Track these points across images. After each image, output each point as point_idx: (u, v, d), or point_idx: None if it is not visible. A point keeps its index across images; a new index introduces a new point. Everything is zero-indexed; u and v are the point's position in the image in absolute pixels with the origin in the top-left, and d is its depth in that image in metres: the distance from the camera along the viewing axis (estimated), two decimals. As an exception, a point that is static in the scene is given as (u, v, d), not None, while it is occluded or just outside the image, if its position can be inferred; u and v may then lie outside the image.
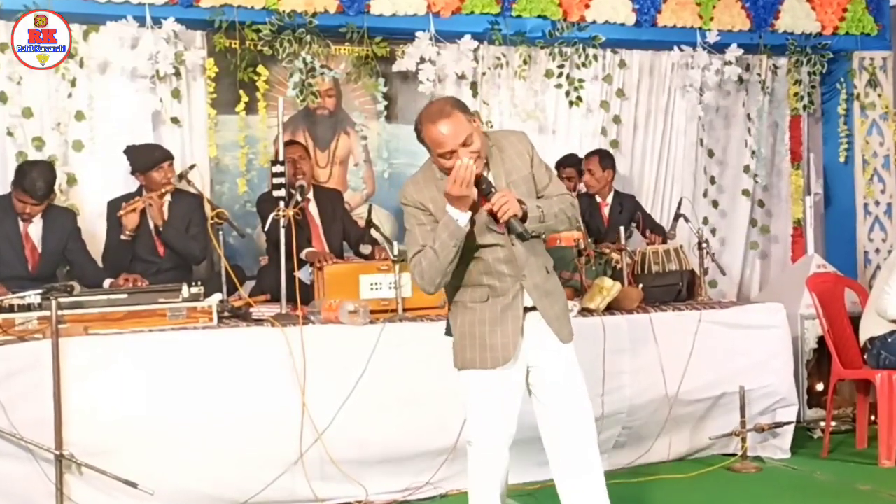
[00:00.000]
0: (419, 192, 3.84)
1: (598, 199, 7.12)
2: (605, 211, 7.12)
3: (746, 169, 7.94)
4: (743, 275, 8.02)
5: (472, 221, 3.76)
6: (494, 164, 3.87)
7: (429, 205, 3.82)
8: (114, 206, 6.03)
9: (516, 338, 3.86)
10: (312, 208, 6.40)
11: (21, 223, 5.75)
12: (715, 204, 7.88)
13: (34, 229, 5.80)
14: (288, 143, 6.26)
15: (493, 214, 3.71)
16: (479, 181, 3.71)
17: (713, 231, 7.74)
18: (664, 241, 6.60)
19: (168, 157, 6.09)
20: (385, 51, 6.93)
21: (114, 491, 4.64)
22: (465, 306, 3.92)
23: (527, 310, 3.89)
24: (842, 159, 8.06)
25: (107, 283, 5.75)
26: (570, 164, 7.15)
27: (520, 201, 3.71)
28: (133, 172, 6.07)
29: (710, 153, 7.84)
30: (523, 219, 3.70)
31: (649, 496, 5.27)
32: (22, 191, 5.64)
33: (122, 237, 5.90)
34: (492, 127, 7.09)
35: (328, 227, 6.45)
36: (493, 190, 3.72)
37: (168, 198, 6.07)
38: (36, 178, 5.64)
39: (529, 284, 3.87)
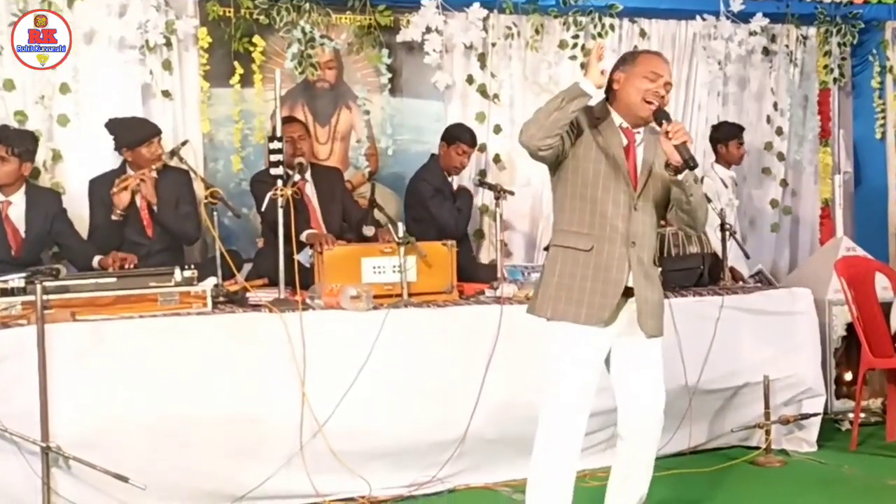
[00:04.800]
0: (587, 110, 4.10)
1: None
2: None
3: (769, 146, 7.92)
4: (776, 258, 8.00)
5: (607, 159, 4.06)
6: (646, 149, 4.14)
7: (583, 120, 4.07)
8: (96, 184, 6.04)
9: (614, 301, 4.05)
10: (310, 189, 6.39)
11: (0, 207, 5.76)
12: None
13: (14, 212, 5.77)
14: (287, 120, 6.28)
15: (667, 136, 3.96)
16: (659, 113, 4.03)
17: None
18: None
19: (157, 131, 6.07)
20: (389, 20, 6.92)
21: (103, 485, 4.64)
22: (566, 251, 4.12)
23: (627, 288, 4.10)
24: (878, 135, 8.04)
25: (95, 260, 5.74)
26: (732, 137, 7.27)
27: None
28: (118, 148, 6.05)
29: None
30: (686, 166, 3.95)
31: (668, 491, 5.27)
32: None
33: (113, 217, 5.91)
34: (499, 100, 7.15)
35: (326, 208, 6.43)
36: (671, 119, 4.01)
37: (154, 174, 6.05)
38: (15, 132, 5.73)
39: (635, 256, 4.07)
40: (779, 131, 7.90)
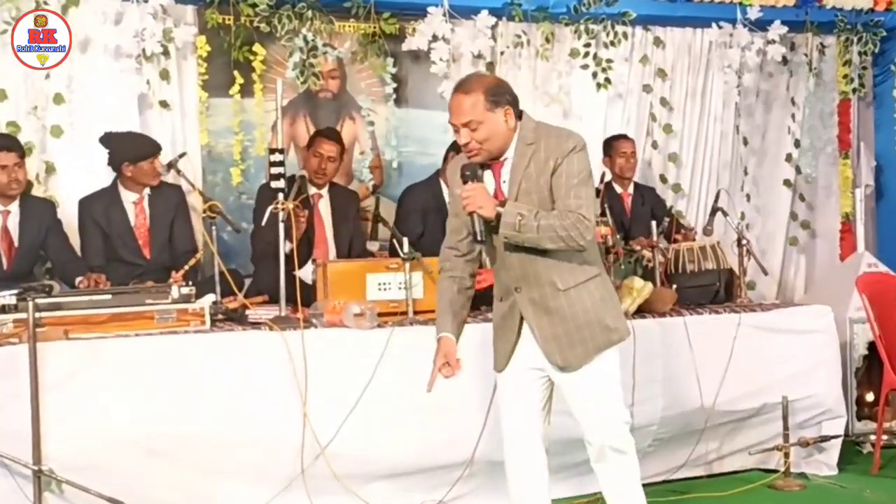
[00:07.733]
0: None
1: (620, 189, 7.10)
2: (629, 202, 7.11)
3: (788, 158, 7.92)
4: (786, 274, 8.00)
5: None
6: (516, 168, 3.97)
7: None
8: (86, 204, 6.04)
9: (508, 348, 4.09)
10: (324, 206, 6.41)
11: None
12: (748, 198, 7.86)
13: (11, 221, 5.79)
14: (326, 134, 6.43)
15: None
16: (465, 171, 3.93)
17: (748, 226, 7.69)
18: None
19: (160, 148, 6.10)
20: (394, 28, 6.92)
21: (97, 509, 4.64)
22: (495, 303, 4.19)
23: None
24: (899, 147, 8.05)
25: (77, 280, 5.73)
26: None
27: (502, 203, 3.85)
28: (117, 163, 6.02)
29: (745, 141, 7.81)
30: (496, 222, 3.86)
31: (683, 517, 5.28)
32: None
33: None
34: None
35: (338, 228, 6.46)
36: (472, 181, 3.92)
37: (147, 191, 6.07)
38: (14, 139, 5.80)
39: (524, 298, 4.02)
40: (797, 143, 7.89)
